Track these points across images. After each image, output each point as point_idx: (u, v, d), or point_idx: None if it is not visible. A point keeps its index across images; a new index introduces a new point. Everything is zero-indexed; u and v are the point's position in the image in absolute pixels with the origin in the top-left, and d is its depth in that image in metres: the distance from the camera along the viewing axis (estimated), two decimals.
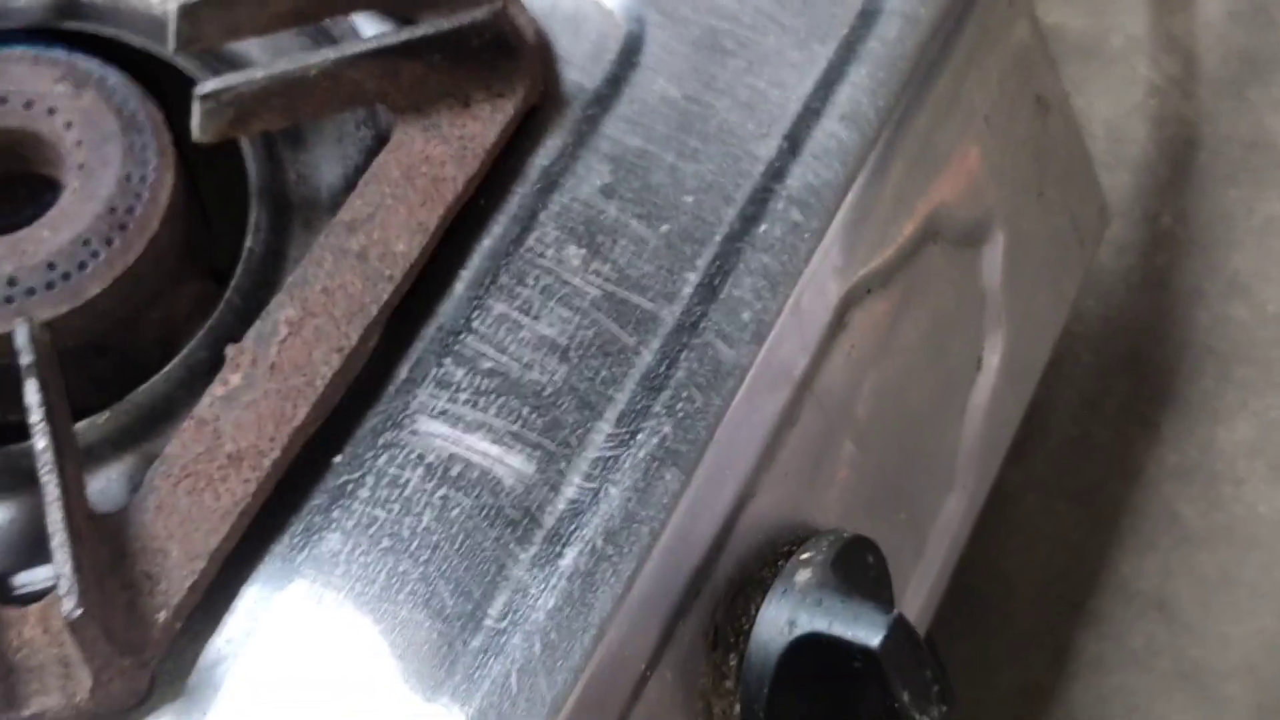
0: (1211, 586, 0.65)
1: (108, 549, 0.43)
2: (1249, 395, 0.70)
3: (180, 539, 0.43)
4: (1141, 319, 0.73)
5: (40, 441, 0.42)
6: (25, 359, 0.44)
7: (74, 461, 0.43)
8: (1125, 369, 0.71)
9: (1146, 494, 0.68)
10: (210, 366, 0.48)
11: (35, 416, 0.43)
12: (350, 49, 0.48)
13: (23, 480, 0.47)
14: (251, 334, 0.46)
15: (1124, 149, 0.77)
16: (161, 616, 0.42)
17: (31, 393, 0.43)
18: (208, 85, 0.48)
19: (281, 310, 0.46)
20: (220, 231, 0.53)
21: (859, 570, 0.46)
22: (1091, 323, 0.72)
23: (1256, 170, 0.76)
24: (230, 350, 0.46)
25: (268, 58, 0.54)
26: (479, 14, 0.49)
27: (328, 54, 0.48)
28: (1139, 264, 0.74)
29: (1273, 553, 0.66)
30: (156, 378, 0.48)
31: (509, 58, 0.50)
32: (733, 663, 0.46)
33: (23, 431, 0.48)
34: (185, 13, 0.49)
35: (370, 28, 0.53)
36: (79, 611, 0.40)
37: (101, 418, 0.47)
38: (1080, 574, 0.66)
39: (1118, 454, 0.69)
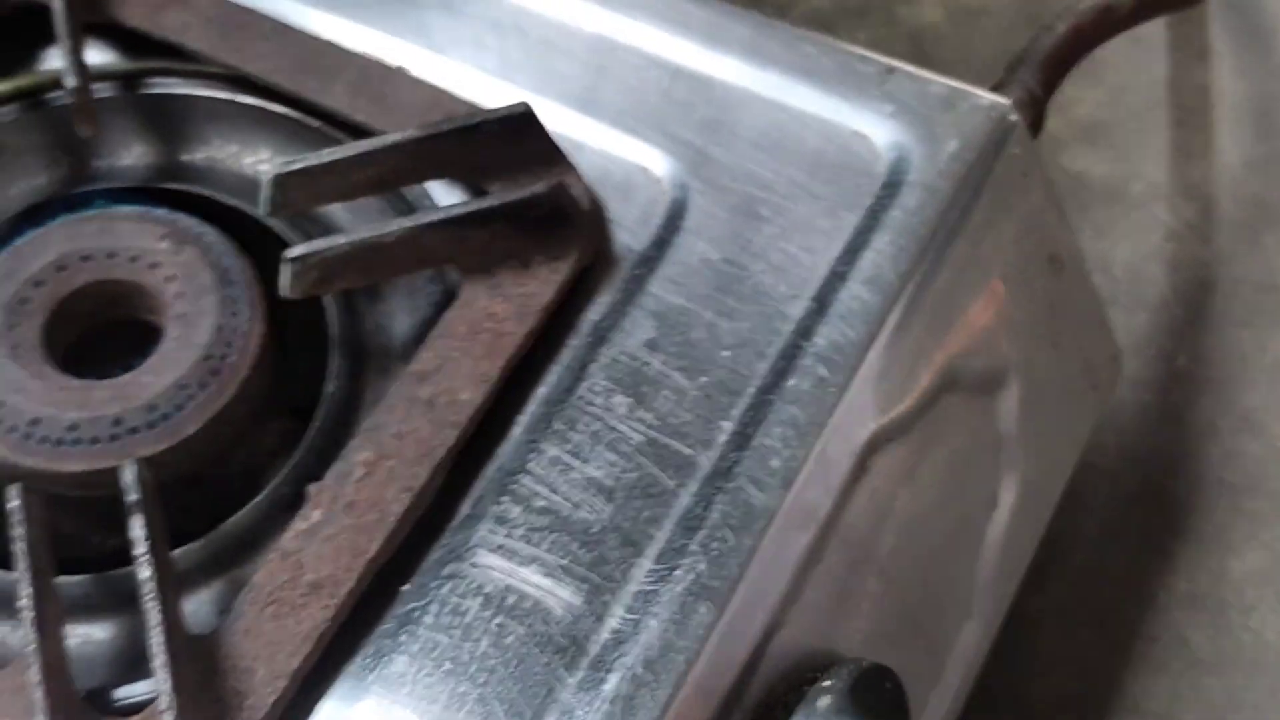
0: (1218, 710, 0.69)
1: (201, 667, 0.48)
2: (1259, 527, 0.74)
3: (265, 659, 0.48)
4: (1158, 453, 0.77)
5: (144, 571, 0.48)
6: (132, 496, 0.49)
7: (172, 589, 0.48)
8: (1141, 500, 0.75)
9: (1159, 620, 0.72)
10: (292, 501, 0.53)
11: (140, 549, 0.48)
12: (424, 218, 0.54)
13: (122, 602, 0.52)
14: (332, 473, 0.51)
15: (1143, 290, 0.82)
16: None
17: (136, 528, 0.48)
18: (296, 250, 0.53)
19: (358, 453, 0.52)
20: (300, 372, 0.58)
21: (877, 697, 0.50)
22: (1110, 456, 0.76)
23: (1269, 312, 0.80)
24: (312, 489, 0.51)
25: (349, 218, 0.60)
26: (539, 188, 0.54)
27: (404, 222, 0.54)
28: (1155, 400, 0.78)
29: (1279, 678, 0.69)
30: (244, 511, 0.53)
31: (566, 224, 0.55)
32: None
33: (121, 557, 0.54)
34: (276, 182, 0.55)
35: (442, 192, 0.59)
36: None
37: (195, 546, 0.52)
38: (1094, 696, 0.70)
39: (1133, 581, 0.73)
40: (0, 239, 0.58)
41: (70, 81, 0.58)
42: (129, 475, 0.50)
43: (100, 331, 0.57)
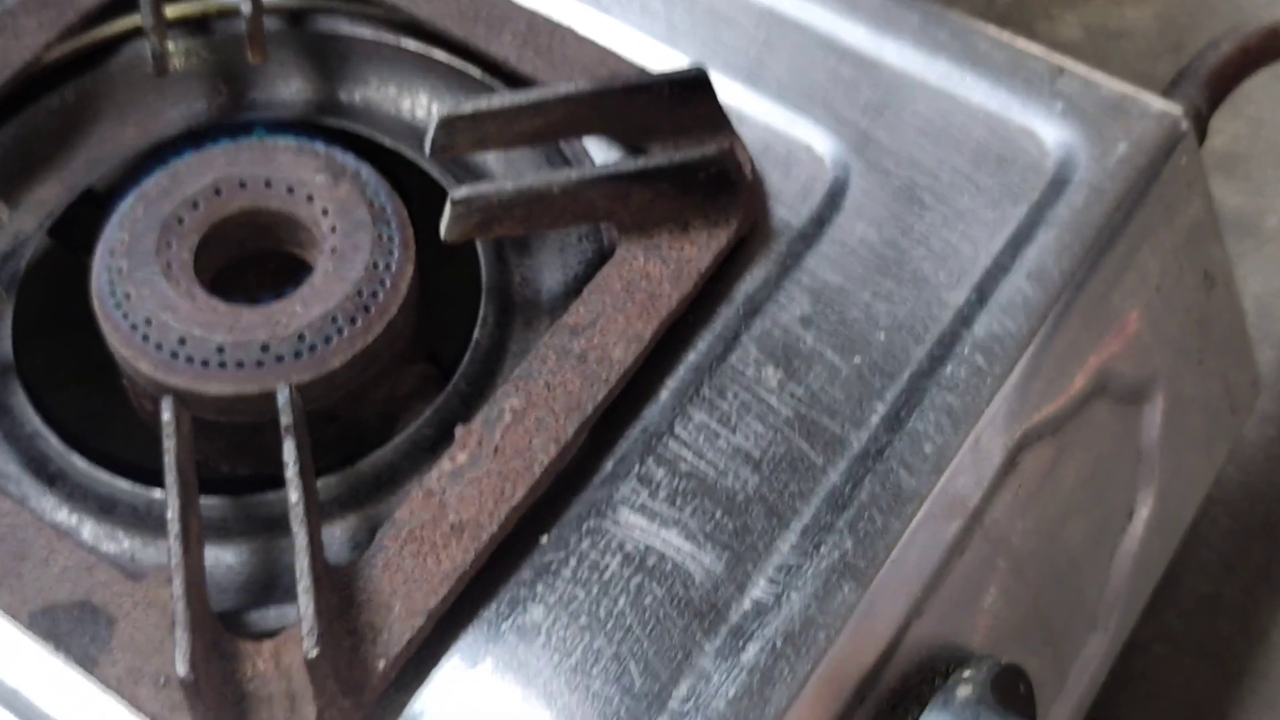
0: None
1: (339, 598, 0.47)
2: None
3: (403, 596, 0.47)
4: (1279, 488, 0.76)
5: (293, 495, 0.47)
6: (285, 419, 0.49)
7: (317, 516, 0.48)
8: (1261, 535, 0.74)
9: (1271, 657, 0.70)
10: (434, 444, 0.53)
11: (290, 472, 0.48)
12: (589, 172, 0.54)
13: (259, 527, 0.52)
14: (479, 418, 0.51)
15: (1272, 325, 0.81)
16: (381, 664, 0.46)
17: (289, 450, 0.48)
18: (460, 191, 0.53)
19: (508, 399, 0.51)
20: (441, 321, 0.58)
21: (1012, 696, 0.50)
22: (1231, 489, 0.75)
23: None
24: (459, 431, 0.51)
25: (503, 169, 0.60)
26: (709, 150, 0.54)
27: (569, 174, 0.53)
28: (1279, 436, 0.77)
29: None
30: (385, 448, 0.53)
31: (729, 191, 0.55)
32: None
33: (255, 484, 0.53)
34: (443, 123, 0.54)
35: (599, 151, 0.58)
36: (316, 651, 0.44)
37: (332, 480, 0.52)
38: None
39: (1247, 616, 0.72)
40: (160, 159, 0.58)
41: (246, 8, 0.58)
42: (283, 398, 0.50)
43: (248, 260, 0.57)
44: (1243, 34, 0.68)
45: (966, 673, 0.49)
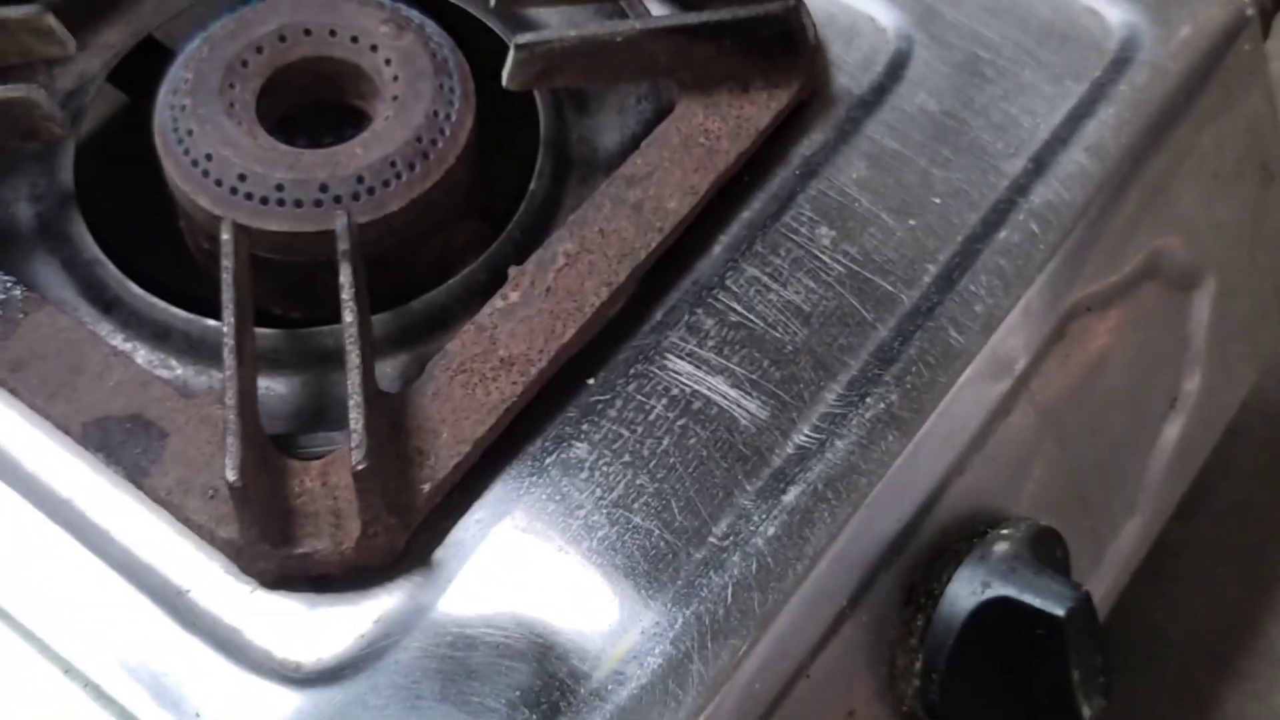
0: None
1: (388, 423, 0.48)
2: None
3: (451, 424, 0.48)
4: None
5: (348, 316, 0.48)
6: (342, 245, 0.49)
7: (370, 340, 0.48)
8: None
9: None
10: (486, 288, 0.53)
11: (346, 294, 0.48)
12: (652, 23, 0.54)
13: (310, 360, 0.52)
14: (533, 259, 0.51)
15: None
16: (427, 487, 0.47)
17: (345, 274, 0.49)
18: (524, 37, 0.53)
19: (562, 243, 0.52)
20: (497, 179, 0.58)
21: (1049, 557, 0.50)
22: (1267, 399, 0.75)
23: None
24: (513, 271, 0.51)
25: (564, 28, 0.60)
26: (773, 7, 0.54)
27: (633, 24, 0.54)
28: None
29: None
30: (438, 289, 0.53)
31: (790, 53, 0.55)
32: (920, 622, 0.49)
33: (308, 323, 0.54)
34: None
35: (658, 12, 0.59)
36: (364, 464, 0.45)
37: (385, 316, 0.53)
38: (1231, 633, 0.69)
39: (1278, 522, 0.72)
40: (229, 6, 0.58)
41: None
42: (341, 225, 0.50)
43: (310, 108, 0.57)
44: None
45: (1005, 530, 0.49)
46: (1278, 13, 0.65)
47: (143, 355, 0.52)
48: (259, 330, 0.52)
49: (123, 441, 0.48)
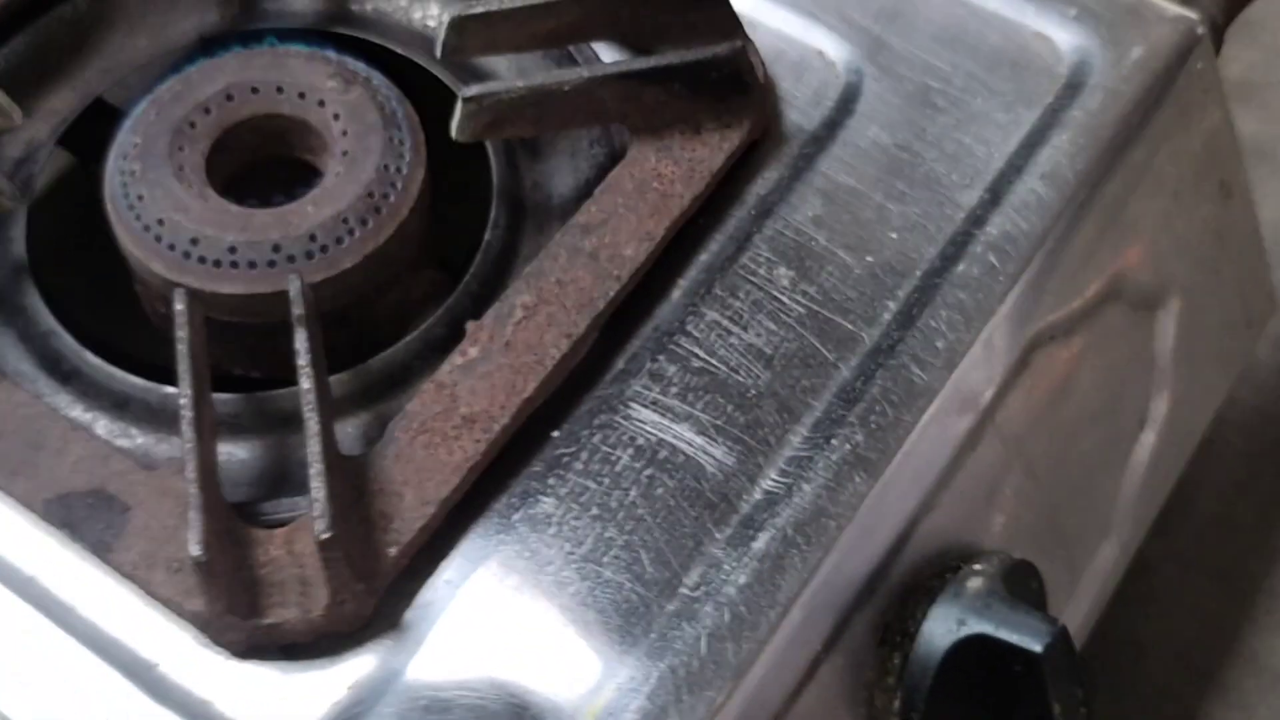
0: None
1: (350, 487, 0.47)
2: None
3: (414, 486, 0.48)
4: None
5: (305, 383, 0.47)
6: (296, 310, 0.49)
7: (329, 404, 0.48)
8: (1273, 456, 0.74)
9: None
10: (444, 343, 0.53)
11: (302, 360, 0.48)
12: (600, 70, 0.53)
13: (271, 423, 0.52)
14: (491, 313, 0.51)
15: None
16: (393, 551, 0.47)
17: (300, 340, 0.48)
18: (472, 90, 0.53)
19: (519, 295, 0.51)
20: (452, 226, 0.58)
21: (1024, 590, 0.50)
22: (1244, 411, 0.75)
23: None
24: (470, 326, 0.51)
25: (512, 75, 0.59)
26: (720, 50, 0.54)
27: (581, 72, 0.53)
28: None
29: None
30: (396, 347, 0.53)
31: (741, 93, 0.55)
32: (896, 661, 0.49)
33: (268, 384, 0.53)
34: (454, 25, 0.54)
35: (608, 56, 0.58)
36: (329, 534, 0.44)
37: (344, 376, 0.52)
38: (1212, 646, 0.69)
39: (1259, 536, 0.72)
40: (173, 66, 0.58)
41: None
42: (295, 289, 0.50)
43: (260, 167, 0.57)
44: None
45: (978, 565, 0.49)
46: (1229, 26, 0.65)
47: (103, 425, 0.52)
48: (218, 395, 0.51)
49: (85, 517, 0.48)
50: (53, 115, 0.60)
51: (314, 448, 0.46)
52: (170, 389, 0.52)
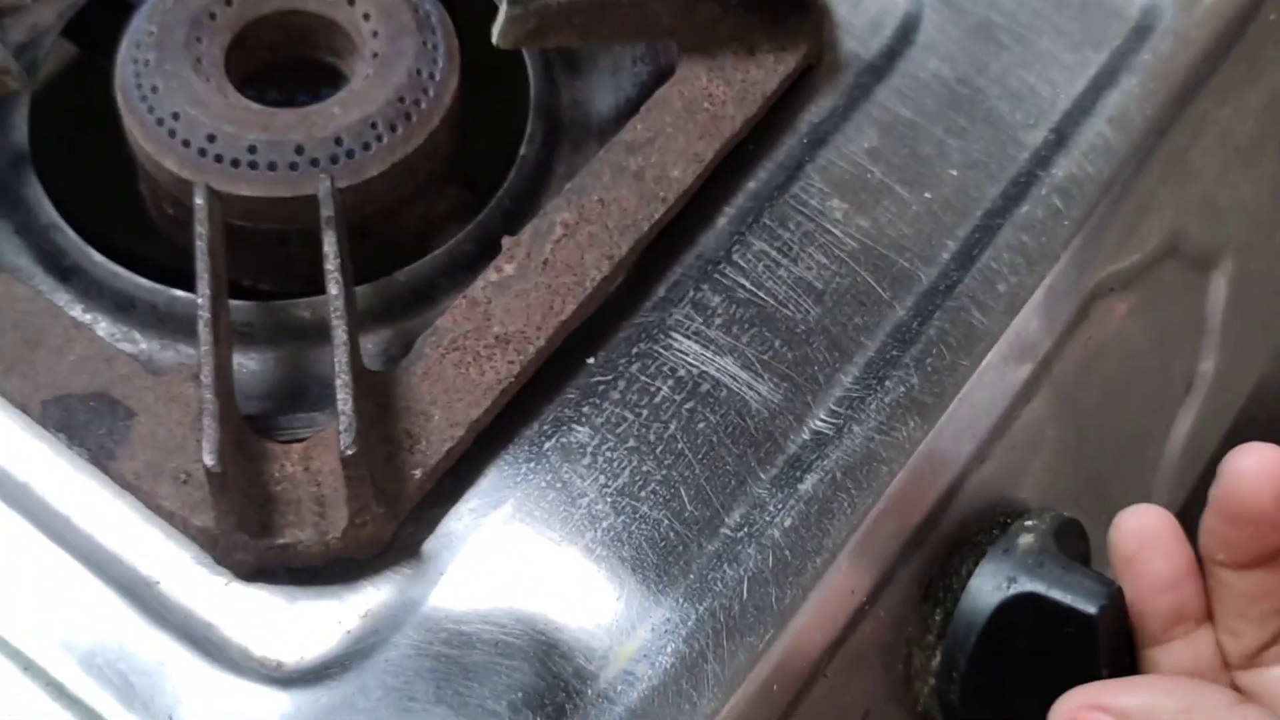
0: None
1: (375, 404, 0.44)
2: None
3: (443, 406, 0.45)
4: None
5: (333, 289, 0.44)
6: (325, 212, 0.46)
7: (355, 315, 0.45)
8: None
9: None
10: (474, 260, 0.50)
11: (331, 265, 0.45)
12: None
13: (287, 334, 0.49)
14: (528, 230, 0.48)
15: None
16: (417, 474, 0.44)
17: (330, 243, 0.45)
18: None
19: (559, 213, 0.48)
20: (481, 145, 0.55)
21: (1073, 550, 0.47)
22: (1272, 388, 0.73)
23: None
24: (507, 242, 0.48)
25: None
26: None
27: None
28: None
29: None
30: (422, 261, 0.50)
31: (798, 13, 0.52)
32: (938, 618, 0.47)
33: (277, 295, 0.50)
34: None
35: None
36: (354, 449, 0.41)
37: (365, 289, 0.49)
38: None
39: None
40: None
41: None
42: (324, 190, 0.46)
43: (281, 67, 0.54)
44: None
45: (1029, 522, 0.47)
46: None
47: (104, 327, 0.49)
48: (231, 303, 0.48)
49: (86, 421, 0.44)
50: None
51: (341, 357, 0.43)
52: (179, 293, 0.49)
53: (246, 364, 0.48)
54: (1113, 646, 0.45)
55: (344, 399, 0.42)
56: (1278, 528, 0.41)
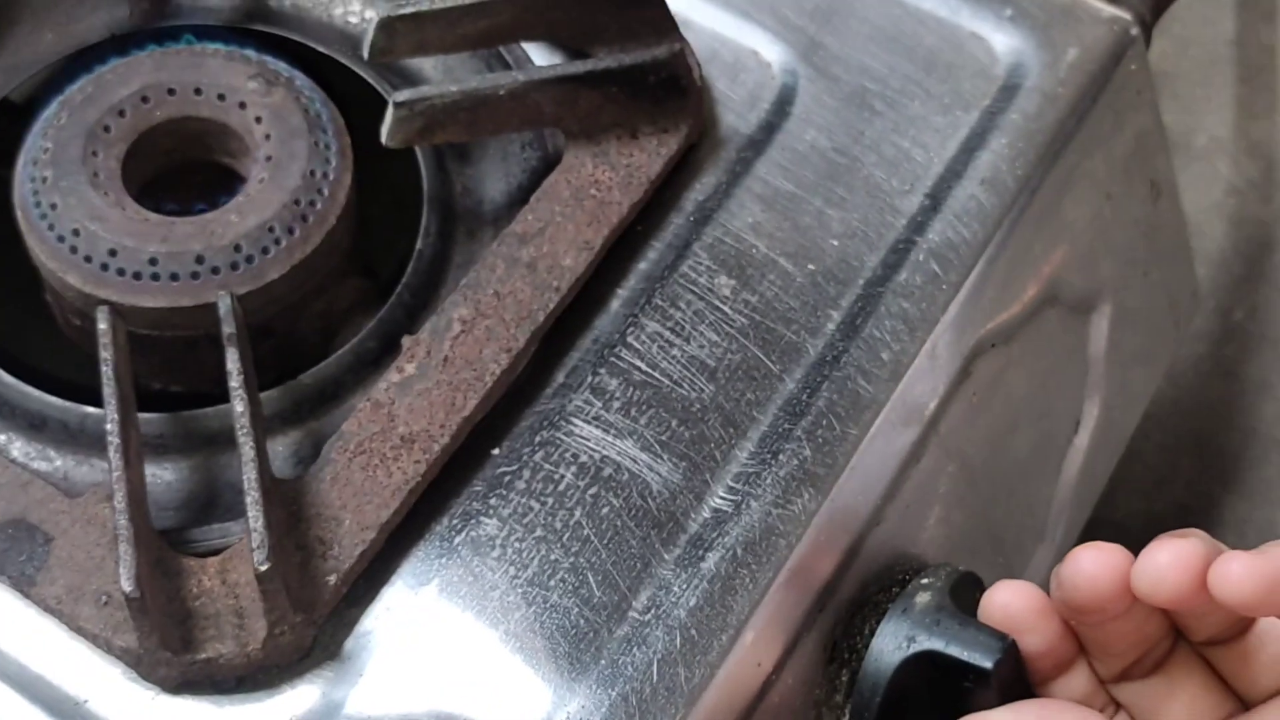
0: None
1: (286, 513, 0.46)
2: None
3: (353, 509, 0.46)
4: (1210, 406, 0.76)
5: (238, 406, 0.45)
6: (227, 329, 0.47)
7: (262, 429, 0.46)
8: (1192, 451, 0.75)
9: None
10: (377, 356, 0.51)
11: (234, 382, 0.46)
12: (536, 74, 0.52)
13: (197, 443, 0.50)
14: (427, 327, 0.49)
15: (1201, 244, 0.81)
16: (332, 579, 0.45)
17: (232, 360, 0.46)
18: (403, 94, 0.51)
19: (456, 309, 0.50)
20: (377, 234, 0.56)
21: (970, 603, 0.49)
22: (1163, 405, 0.75)
23: None
24: (407, 341, 0.49)
25: (440, 76, 0.58)
26: (659, 52, 0.52)
27: (516, 76, 0.52)
28: (1210, 353, 0.78)
29: None
30: (327, 361, 0.51)
31: (678, 96, 0.53)
32: (844, 678, 0.49)
33: (191, 400, 0.51)
34: (383, 25, 0.52)
35: (540, 57, 0.57)
36: (268, 565, 0.43)
37: (273, 394, 0.50)
38: None
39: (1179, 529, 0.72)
40: (84, 66, 0.55)
41: None
42: (224, 306, 0.48)
43: (177, 172, 0.55)
44: None
45: (925, 580, 0.48)
46: (1155, 24, 0.65)
47: (19, 447, 0.50)
48: (141, 415, 0.49)
49: (5, 549, 0.46)
50: None
51: (250, 474, 0.44)
52: (90, 409, 0.50)
53: (161, 475, 0.49)
54: (1012, 694, 0.47)
55: (255, 515, 0.43)
56: (1118, 616, 0.43)
